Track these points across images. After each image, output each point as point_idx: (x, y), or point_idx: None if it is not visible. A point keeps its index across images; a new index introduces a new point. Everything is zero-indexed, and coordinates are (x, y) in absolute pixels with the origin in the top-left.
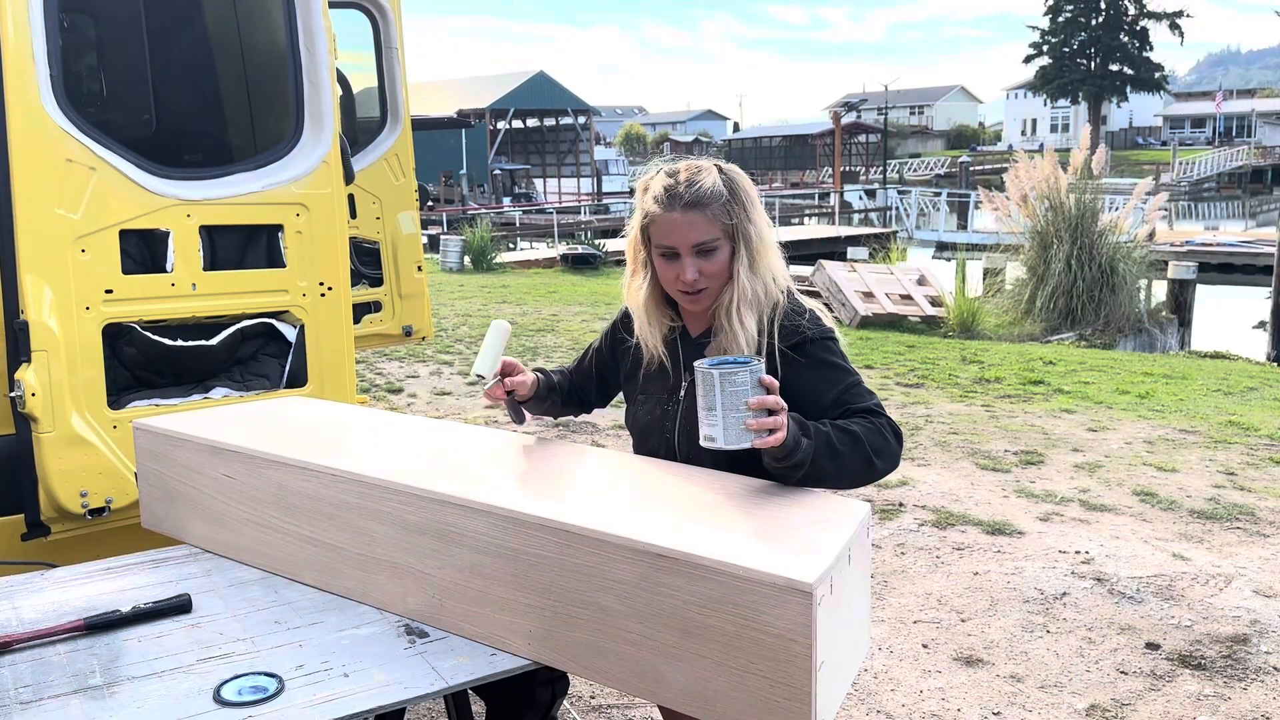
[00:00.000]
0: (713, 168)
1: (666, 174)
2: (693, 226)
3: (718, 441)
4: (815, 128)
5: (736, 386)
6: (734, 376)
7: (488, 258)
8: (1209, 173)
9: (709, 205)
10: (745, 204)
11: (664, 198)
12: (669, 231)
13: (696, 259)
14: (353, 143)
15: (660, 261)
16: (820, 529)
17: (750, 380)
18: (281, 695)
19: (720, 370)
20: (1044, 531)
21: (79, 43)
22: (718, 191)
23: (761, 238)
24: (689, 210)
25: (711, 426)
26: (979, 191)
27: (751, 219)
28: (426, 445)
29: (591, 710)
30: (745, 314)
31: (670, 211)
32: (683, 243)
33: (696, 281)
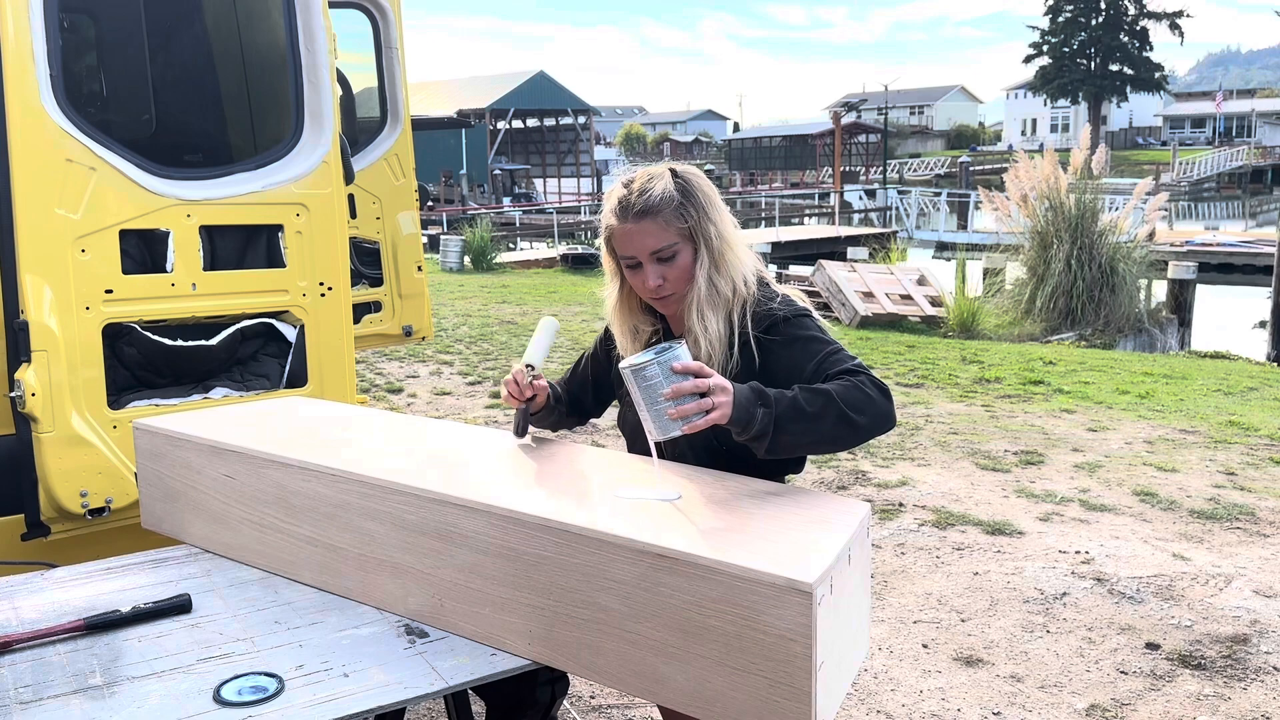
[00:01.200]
0: (666, 173)
1: (622, 185)
2: (646, 234)
3: (653, 434)
4: (815, 128)
5: (649, 380)
6: (643, 370)
7: (488, 258)
8: (1209, 173)
9: (660, 211)
10: (702, 205)
11: (618, 209)
12: (626, 242)
13: (658, 265)
14: (353, 143)
15: (628, 271)
16: (820, 529)
17: (660, 371)
18: (281, 695)
19: (631, 367)
20: (1044, 531)
21: (79, 43)
22: (668, 197)
23: (722, 236)
24: (640, 219)
25: (645, 421)
26: (979, 191)
27: (711, 219)
28: (426, 445)
29: (591, 710)
30: (707, 313)
31: (625, 222)
32: (640, 251)
33: (661, 287)
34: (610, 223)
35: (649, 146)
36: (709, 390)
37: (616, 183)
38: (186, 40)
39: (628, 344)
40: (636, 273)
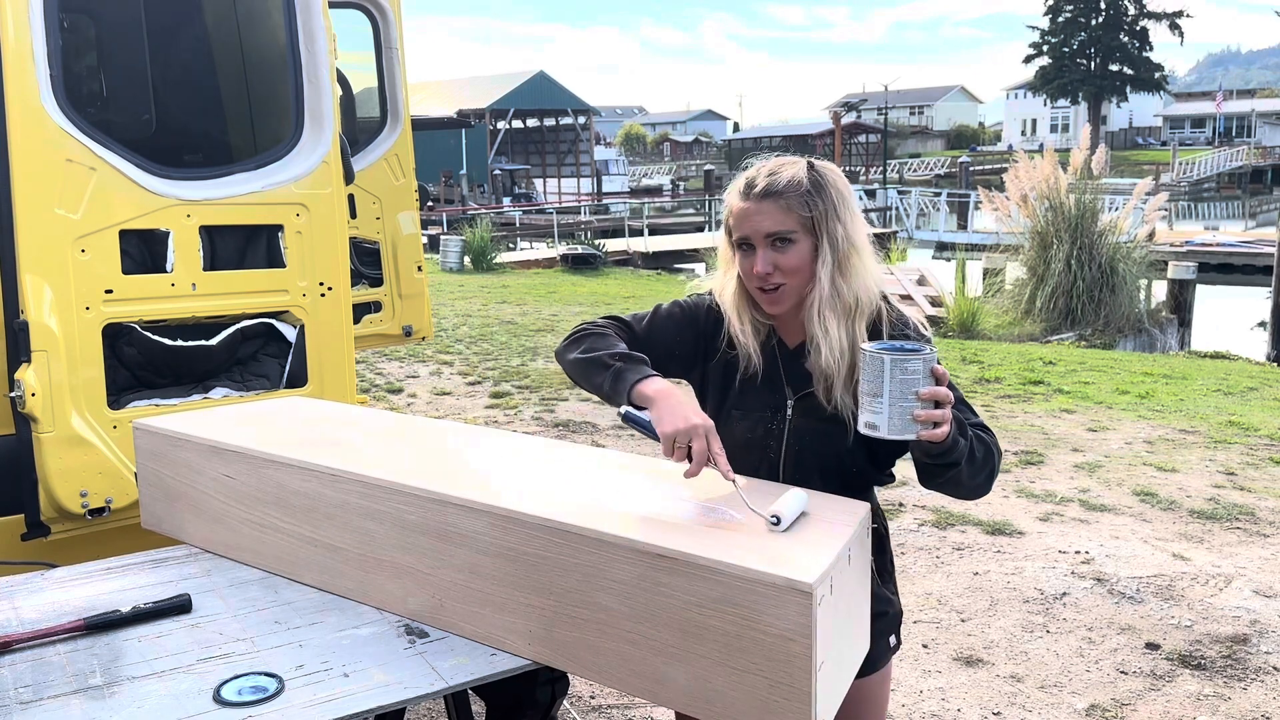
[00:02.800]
0: (802, 163)
1: (753, 168)
2: (765, 215)
3: (880, 430)
4: (815, 128)
5: (908, 374)
6: (906, 363)
7: (488, 258)
8: (1209, 173)
9: (785, 195)
10: (832, 201)
11: (743, 188)
12: (742, 221)
13: (770, 251)
14: (353, 143)
15: (740, 254)
16: (820, 529)
17: (924, 368)
18: (281, 695)
19: (892, 355)
20: (1044, 531)
21: (79, 43)
22: (797, 182)
23: (851, 240)
24: (762, 199)
25: (875, 414)
26: (979, 192)
27: (840, 218)
28: (426, 445)
29: (591, 710)
30: (829, 317)
31: (746, 201)
32: (755, 232)
33: (770, 276)
34: (732, 202)
35: (649, 146)
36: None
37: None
38: (186, 40)
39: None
40: (748, 256)
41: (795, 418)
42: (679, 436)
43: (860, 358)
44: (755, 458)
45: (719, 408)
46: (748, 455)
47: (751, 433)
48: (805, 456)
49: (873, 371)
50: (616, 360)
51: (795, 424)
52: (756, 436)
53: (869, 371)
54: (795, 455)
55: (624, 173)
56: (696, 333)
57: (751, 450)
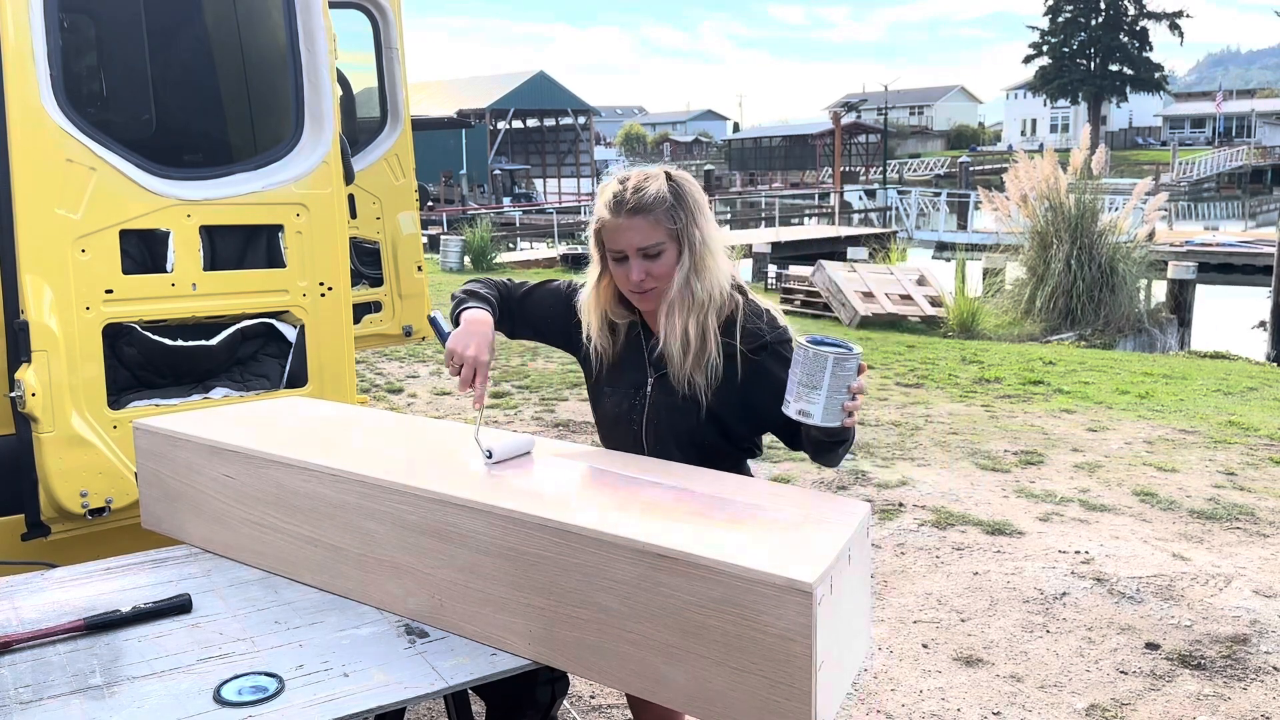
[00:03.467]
0: (661, 175)
1: (617, 181)
2: (635, 231)
3: (814, 418)
4: (815, 128)
5: (845, 371)
6: (846, 362)
7: (488, 258)
8: (1209, 173)
9: (652, 211)
10: (691, 210)
11: (611, 204)
12: (616, 236)
13: (643, 261)
14: (353, 143)
15: (613, 264)
16: (820, 529)
17: (856, 368)
18: (281, 695)
19: (835, 353)
20: (1044, 531)
21: (79, 43)
22: (661, 197)
23: (706, 244)
24: (633, 216)
25: (811, 404)
26: (979, 192)
27: (697, 224)
28: (426, 445)
29: (591, 710)
30: (675, 314)
31: (617, 217)
32: (628, 246)
33: (643, 282)
34: (603, 216)
35: (649, 146)
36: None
37: (612, 179)
38: (186, 40)
39: (595, 331)
40: (621, 266)
41: (653, 394)
42: (455, 355)
43: (798, 351)
44: (622, 430)
45: (594, 385)
46: (616, 428)
47: (618, 408)
48: (662, 430)
49: (814, 367)
50: (466, 297)
51: (653, 400)
52: (622, 411)
53: (809, 366)
54: (654, 429)
55: None
56: (564, 310)
57: (619, 424)
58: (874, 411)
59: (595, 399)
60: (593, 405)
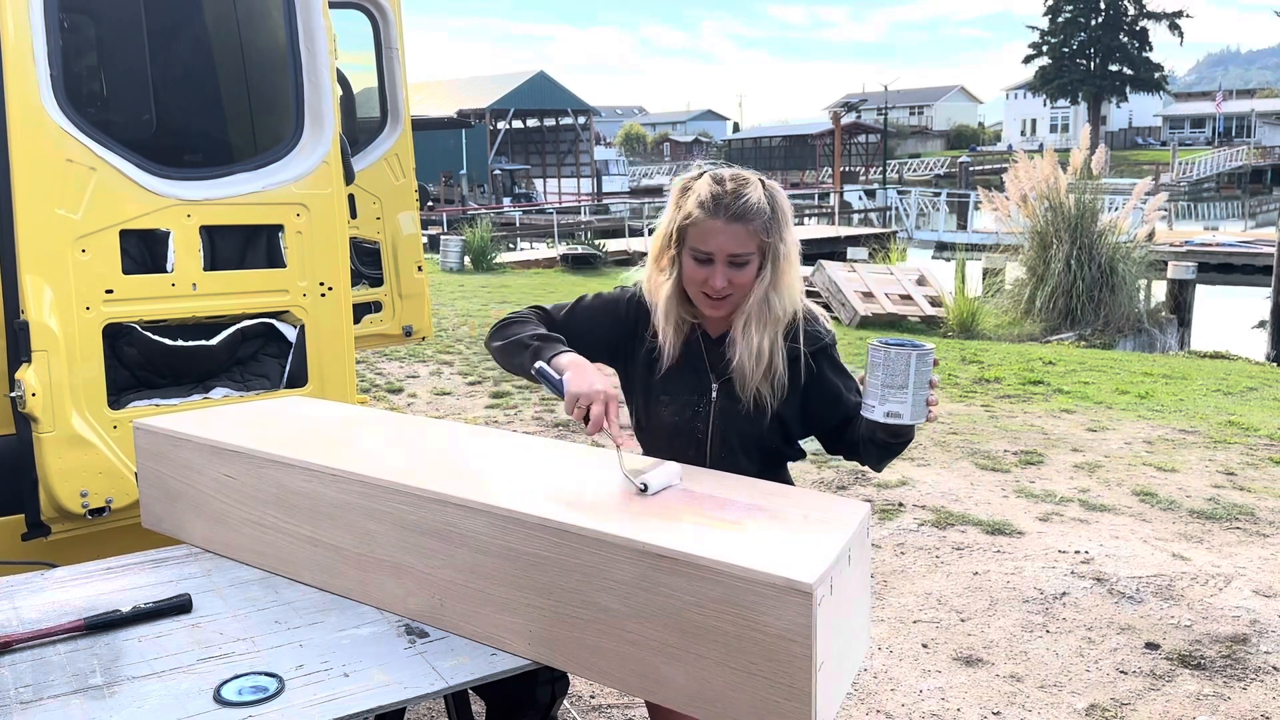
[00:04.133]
0: (758, 182)
1: (713, 180)
2: (733, 238)
3: (903, 418)
4: (815, 128)
5: (926, 367)
6: (926, 358)
7: (488, 258)
8: (1209, 173)
9: (752, 220)
10: (781, 223)
11: (710, 203)
12: (708, 237)
13: (728, 268)
14: (353, 143)
15: (690, 263)
16: (820, 529)
17: (932, 362)
18: (281, 695)
19: (916, 351)
20: (1044, 531)
21: (79, 43)
22: (761, 208)
23: (788, 257)
24: (733, 221)
25: (900, 404)
26: (979, 192)
27: (783, 238)
28: (426, 445)
29: (591, 710)
30: (753, 328)
31: (714, 219)
32: (719, 250)
33: (724, 289)
34: (694, 213)
35: (649, 146)
36: None
37: (703, 176)
38: (186, 40)
39: (671, 333)
40: (704, 268)
41: (719, 401)
42: (581, 398)
43: (876, 353)
44: (683, 440)
45: (646, 395)
46: (676, 438)
47: (679, 416)
48: (729, 436)
49: (897, 367)
50: (535, 340)
51: (720, 407)
52: (684, 419)
53: (892, 366)
54: (720, 435)
55: (624, 173)
56: (614, 323)
57: (680, 433)
58: None
59: (648, 408)
60: (643, 415)
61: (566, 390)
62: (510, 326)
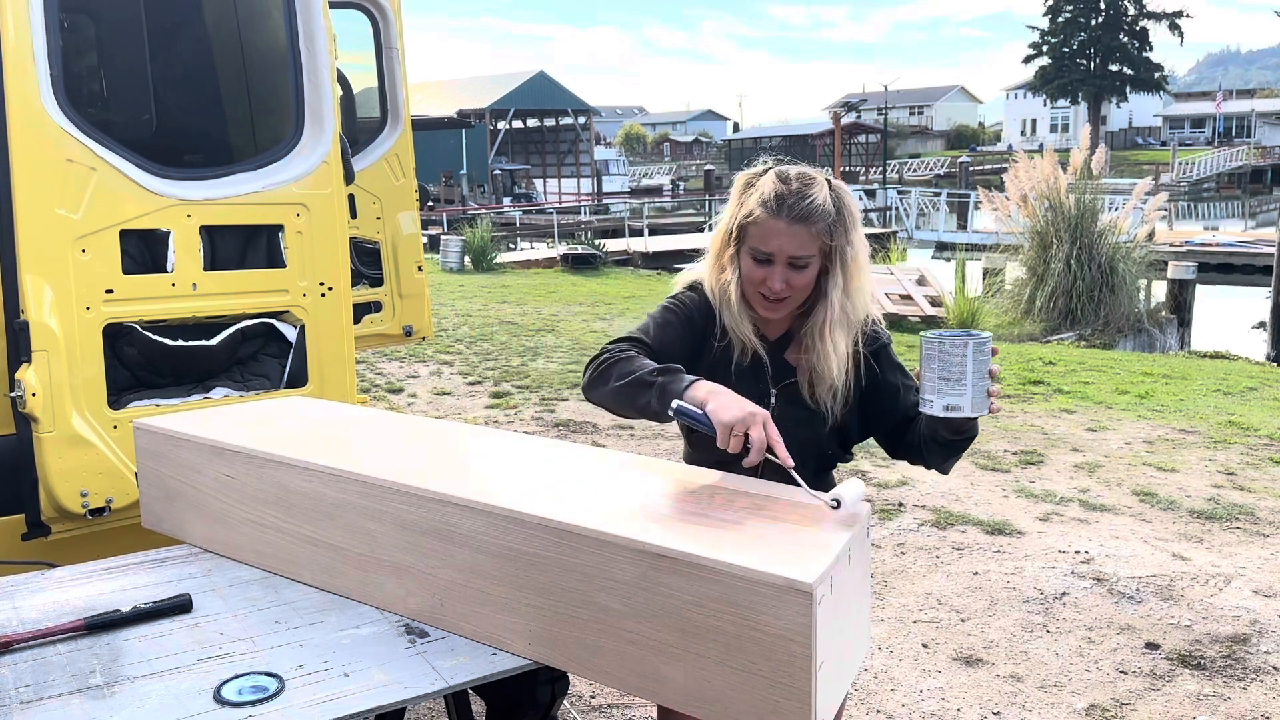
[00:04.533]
0: (824, 182)
1: (778, 177)
2: (794, 239)
3: (964, 410)
4: (815, 128)
5: (984, 356)
6: (984, 346)
7: (488, 258)
8: (1209, 173)
9: (816, 222)
10: (848, 225)
11: (773, 203)
12: (769, 238)
13: (787, 270)
14: (353, 143)
15: (748, 262)
16: (820, 529)
17: (990, 351)
18: (282, 695)
19: (974, 342)
20: (1044, 531)
21: (79, 43)
22: (826, 210)
23: (857, 260)
24: (796, 223)
25: (959, 396)
26: (979, 192)
27: (850, 240)
28: (426, 445)
29: (591, 710)
30: (837, 334)
31: (777, 218)
32: (779, 251)
33: (781, 291)
34: (756, 212)
35: (649, 146)
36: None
37: (768, 173)
38: (186, 40)
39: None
40: (762, 268)
41: (779, 405)
42: (737, 425)
43: (931, 345)
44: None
45: None
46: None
47: None
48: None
49: (954, 358)
50: (658, 376)
51: (779, 411)
52: None
53: (949, 358)
54: None
55: (624, 173)
56: (694, 330)
57: None
58: None
59: None
60: None
61: (716, 422)
62: (615, 366)
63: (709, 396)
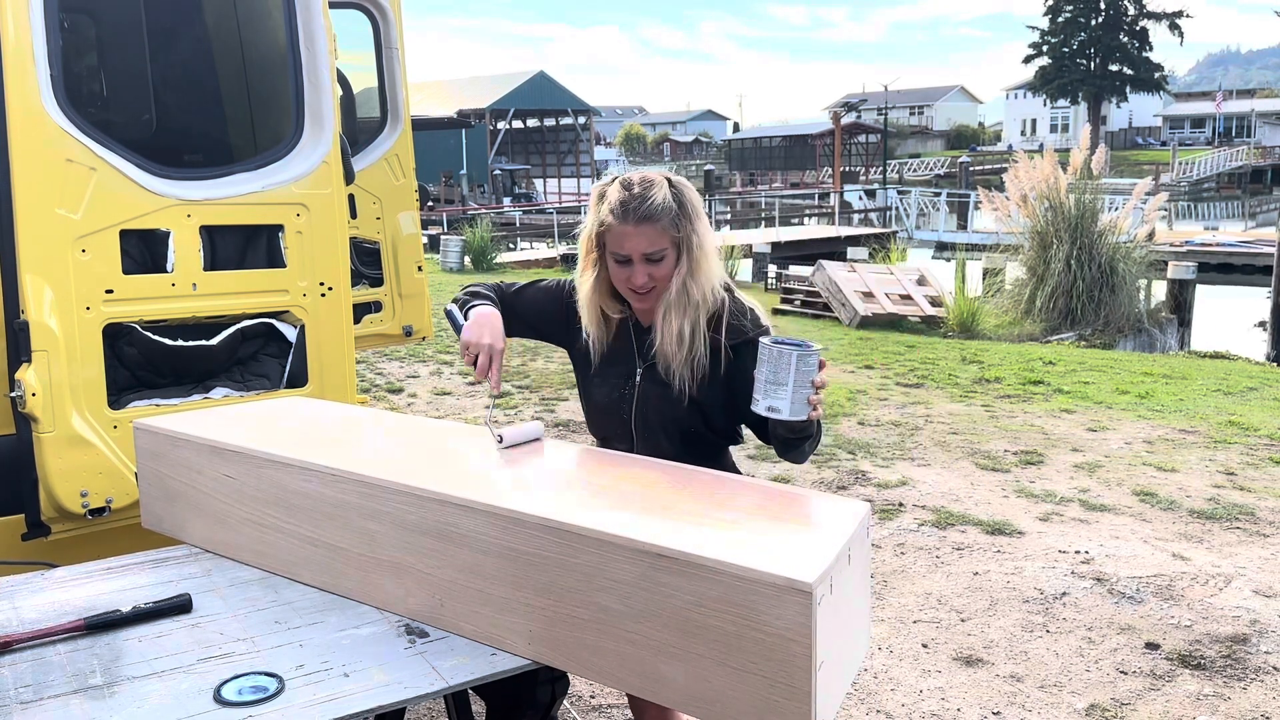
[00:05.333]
0: (664, 181)
1: (622, 185)
2: (644, 237)
3: (782, 413)
4: (815, 128)
5: (808, 366)
6: (808, 358)
7: (488, 258)
8: (1209, 173)
9: (660, 219)
10: (691, 216)
11: (618, 209)
12: (622, 240)
13: (646, 265)
14: (353, 143)
15: (613, 265)
16: (820, 529)
17: (816, 363)
18: (282, 695)
19: (797, 351)
20: (1044, 531)
21: (79, 43)
22: (667, 206)
23: (702, 247)
24: (642, 223)
25: (778, 399)
26: (979, 192)
27: (695, 230)
28: (426, 445)
29: (591, 710)
30: (672, 315)
31: (624, 223)
32: (634, 251)
33: (645, 285)
34: (606, 219)
35: (649, 146)
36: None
37: (614, 182)
38: (186, 40)
39: (593, 326)
40: (624, 268)
41: (642, 383)
42: (471, 345)
43: (762, 350)
44: (612, 419)
45: (585, 377)
46: (607, 417)
47: (608, 398)
48: (650, 418)
49: (780, 364)
50: (468, 295)
51: (642, 390)
52: (612, 401)
53: (774, 364)
54: (643, 417)
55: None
56: (559, 307)
57: (609, 413)
58: (874, 411)
59: (585, 390)
60: (583, 396)
61: (462, 337)
62: (468, 289)
63: (475, 316)
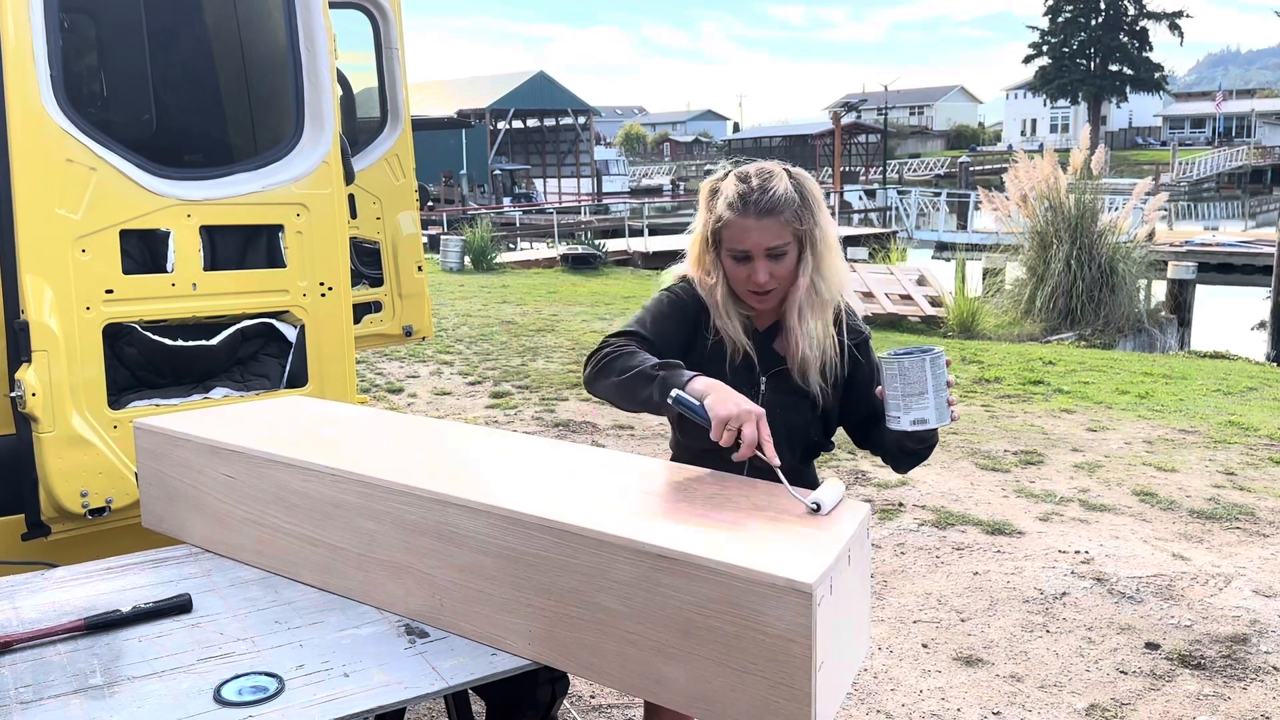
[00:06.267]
0: (782, 173)
1: (738, 179)
2: (766, 232)
3: (930, 422)
4: (815, 128)
5: (941, 370)
6: (939, 361)
7: (488, 258)
8: (1208, 173)
9: (782, 212)
10: (814, 208)
11: (738, 203)
12: (742, 236)
13: (768, 261)
14: (353, 143)
15: (730, 263)
16: (820, 529)
17: (945, 363)
18: (282, 695)
19: (929, 356)
20: (1044, 531)
21: (79, 43)
22: (790, 198)
23: (826, 241)
24: (763, 217)
25: (923, 410)
26: (979, 192)
27: (818, 222)
28: (426, 445)
29: (591, 710)
30: (807, 314)
31: (745, 217)
32: (755, 246)
33: (767, 283)
34: (724, 214)
35: (649, 146)
36: None
37: (728, 176)
38: (186, 40)
39: (735, 333)
40: (743, 265)
41: (768, 393)
42: (732, 420)
43: (891, 365)
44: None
45: None
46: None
47: None
48: (776, 427)
49: (915, 374)
50: (659, 370)
51: (768, 399)
52: None
53: (910, 374)
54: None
55: (624, 173)
56: (688, 322)
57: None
58: None
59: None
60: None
61: (712, 415)
62: (617, 360)
63: (708, 390)
